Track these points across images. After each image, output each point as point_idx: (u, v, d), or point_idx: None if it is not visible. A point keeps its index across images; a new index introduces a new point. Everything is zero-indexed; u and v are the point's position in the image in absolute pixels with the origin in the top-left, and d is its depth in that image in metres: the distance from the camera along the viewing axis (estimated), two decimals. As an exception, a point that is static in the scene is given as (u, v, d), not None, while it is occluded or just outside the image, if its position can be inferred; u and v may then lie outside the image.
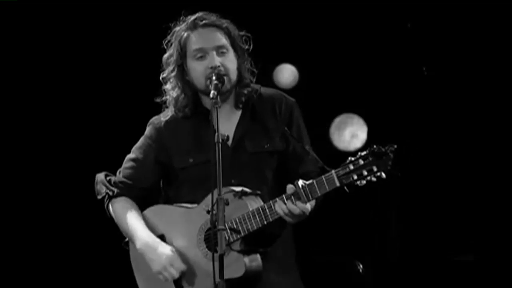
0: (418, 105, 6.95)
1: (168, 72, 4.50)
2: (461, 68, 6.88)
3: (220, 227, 3.97)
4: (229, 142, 4.44)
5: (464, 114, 6.89)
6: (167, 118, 4.56)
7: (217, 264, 3.99)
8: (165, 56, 4.52)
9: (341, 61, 6.99)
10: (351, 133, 7.08)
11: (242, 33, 4.52)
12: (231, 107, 4.51)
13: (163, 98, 4.56)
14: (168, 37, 4.52)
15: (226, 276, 4.14)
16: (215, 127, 4.11)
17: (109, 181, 4.59)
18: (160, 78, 4.54)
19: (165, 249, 4.39)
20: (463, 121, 6.89)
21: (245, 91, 4.49)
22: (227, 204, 4.13)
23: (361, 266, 6.80)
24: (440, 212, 6.92)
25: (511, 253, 6.75)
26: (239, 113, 4.52)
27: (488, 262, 6.79)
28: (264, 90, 4.57)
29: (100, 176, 4.62)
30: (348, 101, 7.04)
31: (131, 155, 4.61)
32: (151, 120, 4.63)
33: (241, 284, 4.27)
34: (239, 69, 4.47)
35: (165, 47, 4.53)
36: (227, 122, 4.47)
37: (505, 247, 6.77)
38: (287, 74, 7.08)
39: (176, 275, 4.36)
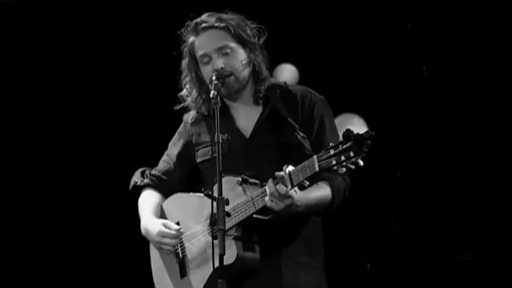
0: (418, 105, 6.96)
1: (184, 78, 4.58)
2: (461, 68, 6.88)
3: (220, 227, 3.99)
4: (247, 135, 4.47)
5: (464, 114, 6.89)
6: (194, 114, 4.66)
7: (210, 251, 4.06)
8: (182, 62, 4.59)
9: (341, 61, 6.99)
10: (351, 133, 7.07)
11: (253, 25, 4.52)
12: (251, 103, 4.54)
13: (181, 105, 4.63)
14: (183, 44, 4.56)
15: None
16: (216, 127, 4.13)
17: (142, 174, 4.74)
18: (182, 85, 4.62)
19: (154, 225, 4.50)
20: (463, 121, 6.89)
21: (263, 87, 4.51)
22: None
23: (368, 265, 6.81)
24: (440, 212, 6.92)
25: (511, 253, 6.75)
26: (259, 109, 4.53)
27: (488, 262, 6.79)
28: (292, 86, 4.59)
29: (138, 170, 4.79)
30: (348, 101, 7.04)
31: (167, 150, 4.76)
32: (183, 117, 4.73)
33: (235, 273, 4.25)
34: (252, 63, 4.49)
35: (183, 53, 4.58)
36: (248, 118, 4.51)
37: (505, 247, 6.78)
38: (287, 73, 7.09)
39: (172, 243, 4.44)
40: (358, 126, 7.09)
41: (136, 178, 4.76)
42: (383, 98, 7.00)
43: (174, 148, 4.71)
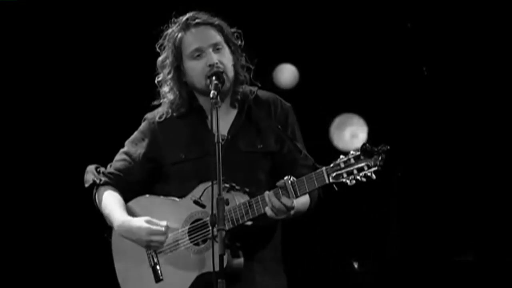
0: (418, 105, 6.96)
1: (164, 75, 4.51)
2: (461, 68, 6.88)
3: (220, 227, 3.98)
4: (222, 139, 4.44)
5: (464, 114, 6.89)
6: (162, 114, 4.57)
7: (199, 258, 4.15)
8: (160, 59, 4.53)
9: (341, 61, 6.99)
10: (351, 133, 7.08)
11: (233, 29, 4.52)
12: (227, 105, 4.51)
13: (160, 101, 4.57)
14: (161, 40, 4.52)
15: (206, 269, 4.25)
16: (215, 127, 4.11)
17: (98, 171, 4.62)
18: (156, 81, 4.56)
19: (139, 223, 4.40)
20: (463, 121, 6.89)
21: (240, 89, 4.50)
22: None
23: (356, 264, 6.80)
24: (440, 212, 6.92)
25: (511, 253, 6.75)
26: (234, 112, 4.52)
27: (488, 262, 6.80)
28: (261, 92, 4.57)
29: (91, 167, 4.65)
30: (348, 101, 7.04)
31: (123, 149, 4.64)
32: (146, 116, 4.65)
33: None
34: (234, 65, 4.47)
35: (158, 50, 4.53)
36: (222, 121, 4.44)
37: (505, 247, 6.78)
38: (287, 74, 7.09)
39: (163, 240, 4.36)
40: (358, 126, 7.10)
41: (93, 175, 4.61)
42: (383, 98, 7.00)
43: (136, 147, 4.60)
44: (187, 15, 4.48)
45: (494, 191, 6.83)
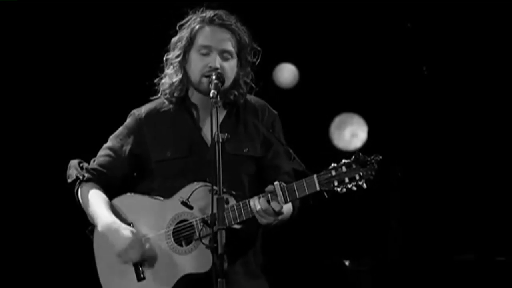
0: (418, 105, 6.96)
1: (173, 56, 4.51)
2: (461, 68, 6.88)
3: (220, 226, 3.99)
4: (208, 141, 4.46)
5: (464, 114, 6.89)
6: (149, 110, 4.57)
7: (183, 258, 4.16)
8: (175, 38, 4.52)
9: (341, 61, 7.00)
10: (351, 133, 7.09)
11: (254, 45, 4.53)
12: (219, 106, 4.49)
13: (162, 81, 4.55)
14: (184, 21, 4.52)
15: (191, 270, 4.25)
16: (215, 127, 4.12)
17: (81, 167, 4.57)
18: (164, 58, 4.55)
19: (126, 231, 4.37)
20: (463, 121, 6.89)
21: (235, 93, 4.49)
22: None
23: (347, 263, 6.80)
24: (440, 211, 6.92)
25: (511, 253, 6.75)
26: (224, 113, 4.52)
27: (488, 262, 6.79)
28: (249, 97, 4.58)
29: (73, 162, 4.60)
30: (348, 101, 7.05)
31: (107, 144, 4.60)
32: (132, 111, 4.62)
33: (204, 281, 4.23)
34: (236, 78, 4.47)
35: (177, 29, 4.52)
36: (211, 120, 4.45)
37: (505, 247, 6.78)
38: (287, 73, 7.09)
39: (136, 258, 4.35)
40: (358, 126, 7.10)
41: (76, 171, 4.55)
42: (383, 98, 7.00)
43: (121, 143, 4.55)
44: (216, 12, 4.49)
45: (494, 191, 6.83)
